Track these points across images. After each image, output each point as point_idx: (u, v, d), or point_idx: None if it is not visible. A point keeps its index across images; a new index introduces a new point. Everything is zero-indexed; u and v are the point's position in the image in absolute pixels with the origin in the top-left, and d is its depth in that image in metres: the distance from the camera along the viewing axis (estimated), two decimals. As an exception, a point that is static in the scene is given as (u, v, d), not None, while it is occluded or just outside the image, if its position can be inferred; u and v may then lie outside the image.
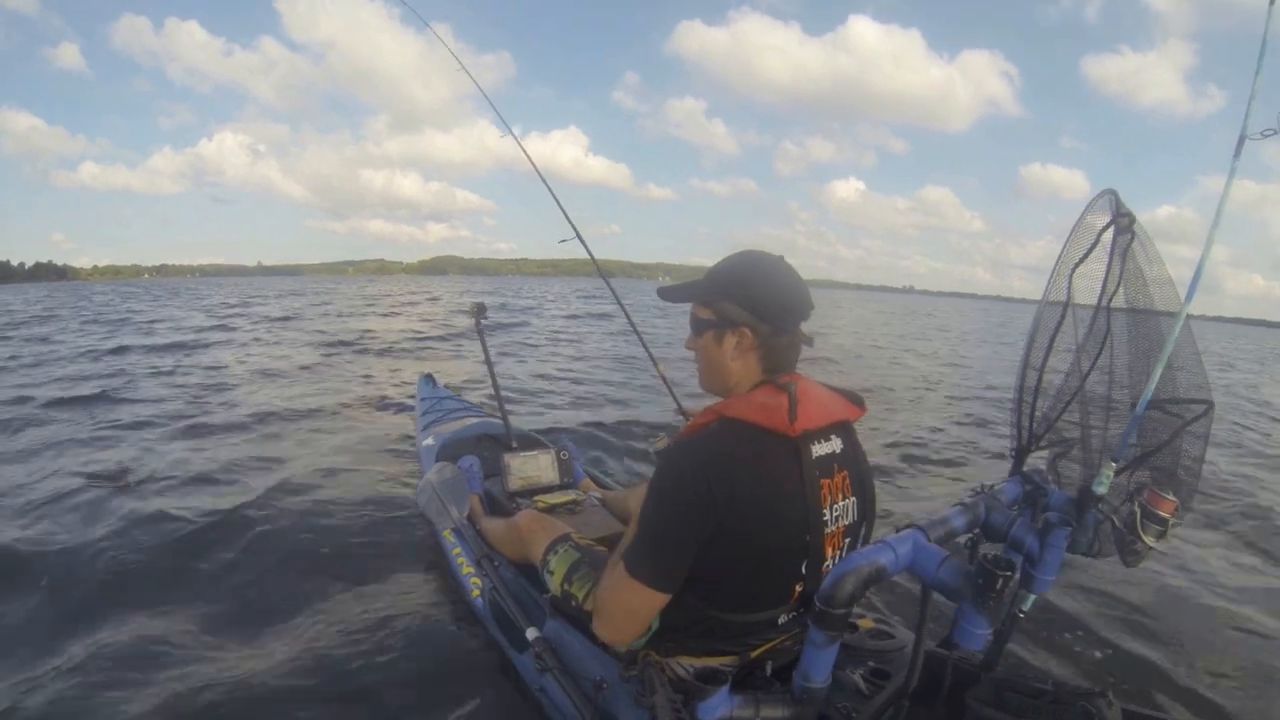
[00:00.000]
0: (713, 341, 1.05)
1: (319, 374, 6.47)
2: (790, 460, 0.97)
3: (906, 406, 5.85)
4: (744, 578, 0.99)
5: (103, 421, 4.30)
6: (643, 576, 0.98)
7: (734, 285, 1.03)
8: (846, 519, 1.05)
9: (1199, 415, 1.03)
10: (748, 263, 1.06)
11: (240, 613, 1.94)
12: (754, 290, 1.02)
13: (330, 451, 3.65)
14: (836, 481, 1.03)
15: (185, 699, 1.54)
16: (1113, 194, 1.15)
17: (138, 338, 9.59)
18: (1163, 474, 1.05)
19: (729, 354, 1.04)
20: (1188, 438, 1.03)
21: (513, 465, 2.11)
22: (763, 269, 1.04)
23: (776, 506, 0.96)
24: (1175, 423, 1.03)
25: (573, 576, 1.34)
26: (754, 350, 1.03)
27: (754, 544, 0.96)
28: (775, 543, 0.98)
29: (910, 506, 3.03)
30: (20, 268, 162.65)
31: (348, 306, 17.78)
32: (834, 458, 1.04)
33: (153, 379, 6.06)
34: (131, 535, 2.40)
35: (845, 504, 1.05)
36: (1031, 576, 1.04)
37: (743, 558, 0.98)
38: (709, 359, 1.07)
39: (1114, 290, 1.13)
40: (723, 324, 1.03)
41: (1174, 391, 1.05)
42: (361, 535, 2.45)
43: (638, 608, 1.01)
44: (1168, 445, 1.03)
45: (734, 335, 1.03)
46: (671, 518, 0.96)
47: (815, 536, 0.99)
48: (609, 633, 1.07)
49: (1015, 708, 1.00)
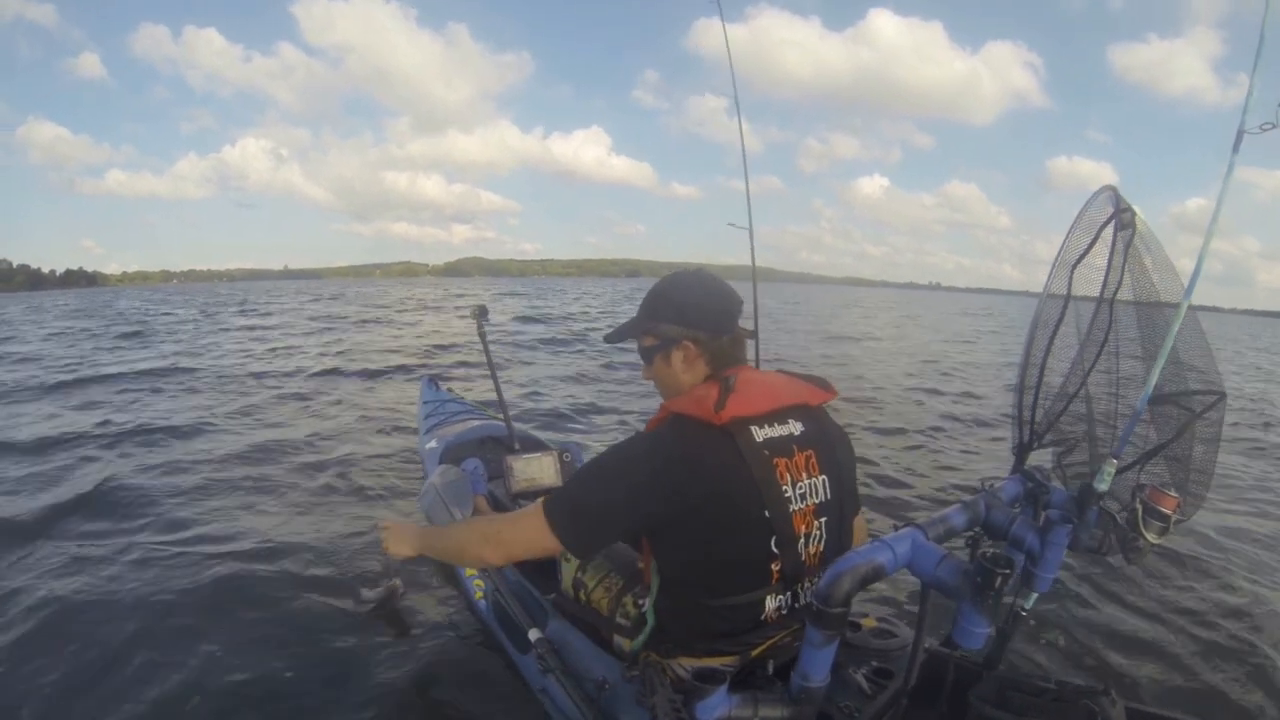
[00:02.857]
0: (663, 362, 1.15)
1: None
2: (726, 445, 1.02)
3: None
4: (715, 559, 1.03)
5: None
6: (557, 527, 1.04)
7: (664, 307, 1.14)
8: (817, 497, 1.09)
9: (1209, 406, 1.02)
10: (669, 284, 1.17)
11: (241, 612, 1.95)
12: (682, 306, 1.13)
13: (335, 451, 3.67)
14: (798, 460, 1.07)
15: (185, 699, 1.55)
16: (1113, 190, 1.14)
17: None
18: (1175, 468, 1.04)
19: (679, 369, 1.14)
20: (1201, 430, 1.02)
21: (515, 467, 2.12)
22: (683, 285, 1.15)
23: (722, 487, 1.00)
24: (1184, 416, 1.03)
25: (587, 565, 1.37)
26: (700, 358, 1.12)
27: (714, 525, 1.01)
28: (730, 521, 1.01)
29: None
30: (52, 274, 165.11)
31: (398, 313, 16.62)
32: (791, 439, 1.08)
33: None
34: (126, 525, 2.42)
35: (811, 482, 1.08)
36: (1033, 575, 1.04)
37: (707, 538, 1.02)
38: (664, 379, 1.17)
39: (1116, 286, 1.13)
40: (666, 344, 1.14)
41: (1183, 385, 1.05)
42: (363, 537, 2.46)
43: (532, 548, 1.09)
44: (1175, 440, 1.02)
45: (679, 350, 1.13)
46: (610, 489, 1.04)
47: (776, 513, 1.03)
48: (489, 553, 1.14)
49: (1018, 706, 0.99)
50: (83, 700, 1.55)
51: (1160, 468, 1.05)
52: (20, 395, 5.54)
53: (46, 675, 1.63)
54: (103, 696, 1.56)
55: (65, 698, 1.56)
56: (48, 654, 1.72)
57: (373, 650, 1.76)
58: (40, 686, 1.59)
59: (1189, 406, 1.03)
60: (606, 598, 1.29)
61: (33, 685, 1.60)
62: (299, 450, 3.73)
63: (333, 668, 1.69)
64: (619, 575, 1.30)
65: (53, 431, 4.13)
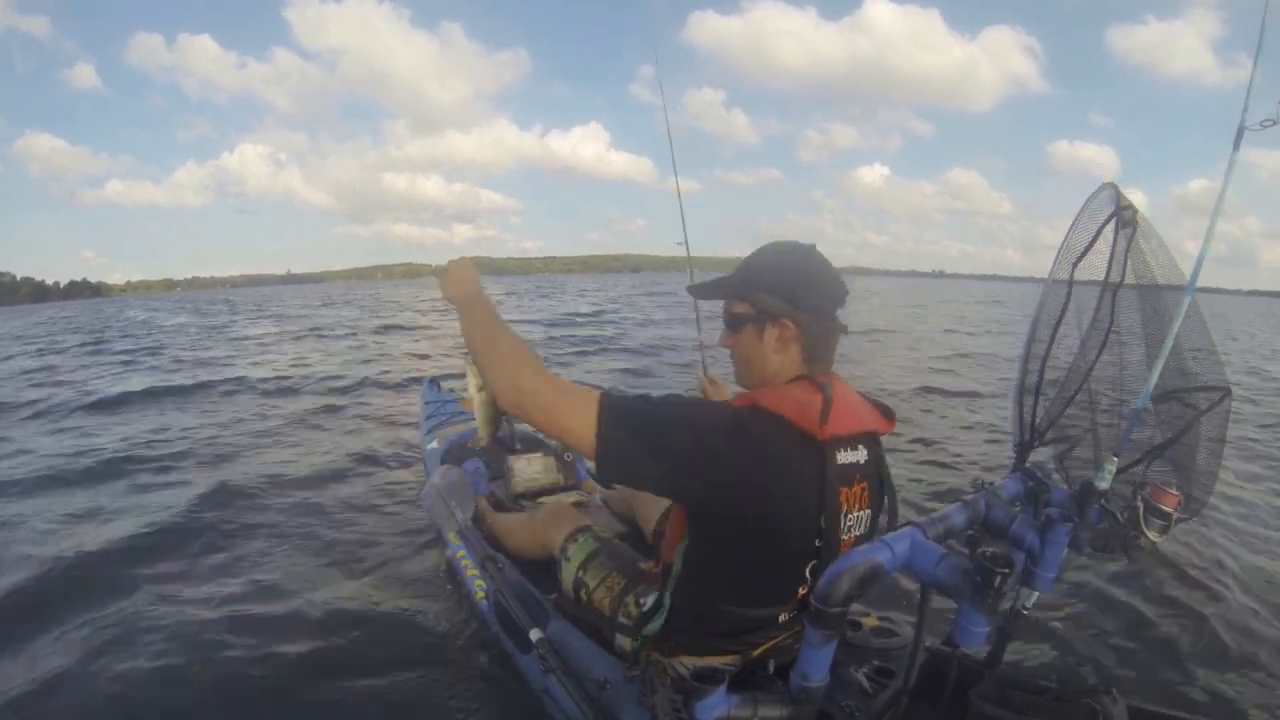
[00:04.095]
0: (753, 336, 1.03)
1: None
2: (814, 462, 0.95)
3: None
4: (748, 569, 0.99)
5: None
6: (604, 420, 0.90)
7: (770, 277, 1.02)
8: (859, 530, 1.04)
9: (1214, 404, 1.02)
10: (781, 252, 1.04)
11: (241, 611, 1.96)
12: (791, 280, 1.01)
13: (335, 453, 3.68)
14: (855, 492, 1.01)
15: (187, 698, 1.56)
16: (1113, 187, 1.14)
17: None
18: (1178, 465, 1.03)
19: (770, 347, 1.02)
20: (1206, 427, 1.01)
21: (516, 467, 2.12)
22: (797, 258, 1.03)
23: (790, 504, 0.94)
24: (1188, 413, 1.02)
25: (589, 565, 1.37)
26: (796, 341, 1.01)
27: (761, 536, 0.95)
28: (782, 540, 0.97)
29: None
30: (56, 286, 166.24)
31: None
32: (857, 468, 1.01)
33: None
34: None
35: (859, 515, 1.03)
36: (1033, 574, 1.03)
37: (748, 547, 0.96)
38: (748, 354, 1.05)
39: (1117, 285, 1.12)
40: (762, 317, 1.02)
41: (1187, 381, 1.04)
42: (366, 537, 2.47)
43: (563, 418, 0.92)
44: (1180, 437, 1.02)
45: (775, 328, 1.01)
46: (678, 425, 0.92)
47: (827, 543, 0.98)
48: (524, 377, 0.93)
49: (1019, 705, 0.99)
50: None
51: (1161, 465, 1.04)
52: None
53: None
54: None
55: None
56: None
57: (373, 649, 1.76)
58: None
59: (1194, 404, 1.03)
60: (608, 598, 1.29)
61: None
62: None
63: (333, 667, 1.69)
64: (620, 575, 1.30)
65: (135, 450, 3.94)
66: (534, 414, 0.93)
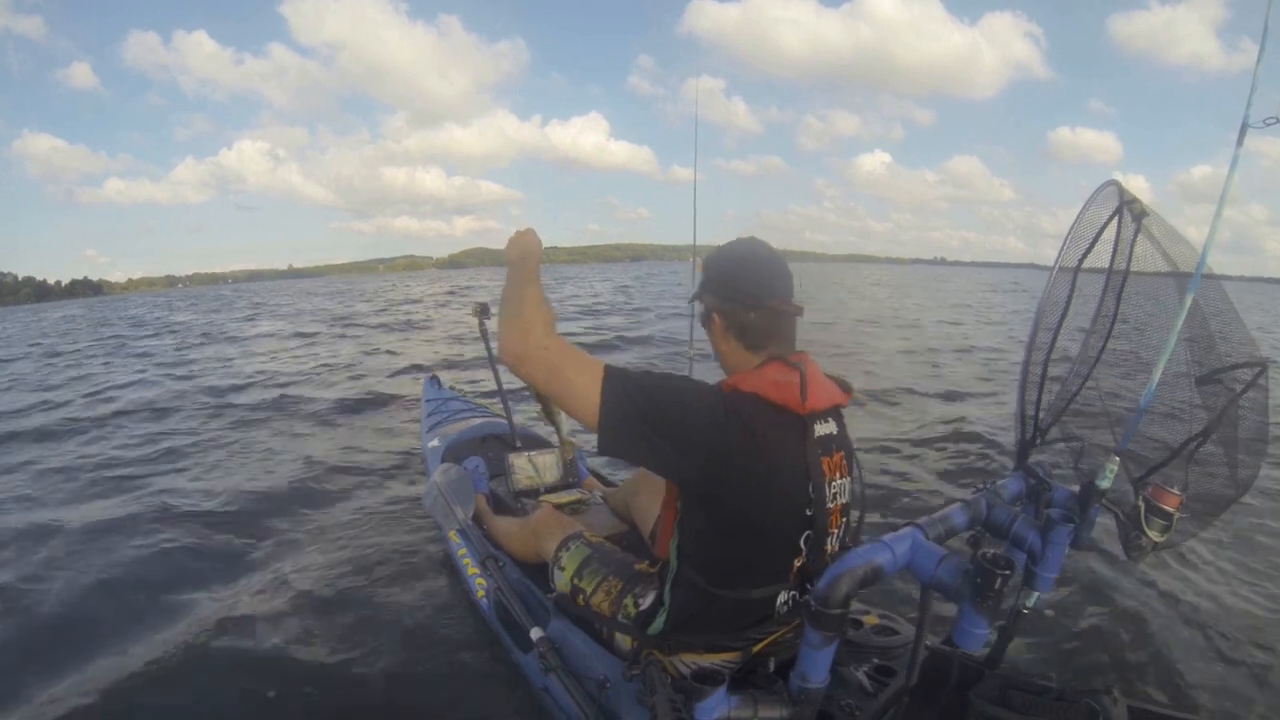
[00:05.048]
0: (711, 331, 1.13)
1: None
2: (797, 435, 1.01)
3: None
4: (744, 546, 1.02)
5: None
6: (608, 388, 0.92)
7: (711, 275, 1.12)
8: (844, 497, 1.11)
9: (1256, 378, 1.00)
10: (722, 252, 1.13)
11: (241, 611, 1.96)
12: (722, 275, 1.10)
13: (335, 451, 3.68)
14: (835, 460, 1.08)
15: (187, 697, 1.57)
16: (1116, 184, 1.13)
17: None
18: (1225, 445, 1.01)
19: (718, 338, 1.12)
20: (1243, 414, 1.00)
21: (517, 465, 2.12)
22: (729, 252, 1.12)
23: (778, 479, 0.99)
24: (1227, 394, 1.01)
25: (583, 571, 1.37)
26: (730, 330, 1.09)
27: (753, 512, 0.99)
28: (774, 514, 1.01)
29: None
30: (57, 285, 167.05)
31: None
32: (832, 438, 1.08)
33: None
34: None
35: (841, 483, 1.10)
36: (1034, 574, 1.03)
37: (741, 525, 1.00)
38: (714, 347, 1.15)
39: (1121, 283, 1.12)
40: (706, 312, 1.12)
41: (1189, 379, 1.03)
42: (366, 536, 2.47)
43: (568, 383, 0.93)
44: (1223, 416, 1.00)
45: (718, 319, 1.10)
46: (681, 398, 0.95)
47: (818, 511, 1.03)
48: (536, 332, 0.93)
49: (1019, 705, 0.99)
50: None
51: (1212, 446, 1.02)
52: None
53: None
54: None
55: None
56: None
57: (373, 648, 1.76)
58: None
59: (1230, 384, 1.01)
60: (607, 600, 1.28)
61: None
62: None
63: (332, 665, 1.70)
64: (617, 578, 1.30)
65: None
66: (537, 370, 0.94)
